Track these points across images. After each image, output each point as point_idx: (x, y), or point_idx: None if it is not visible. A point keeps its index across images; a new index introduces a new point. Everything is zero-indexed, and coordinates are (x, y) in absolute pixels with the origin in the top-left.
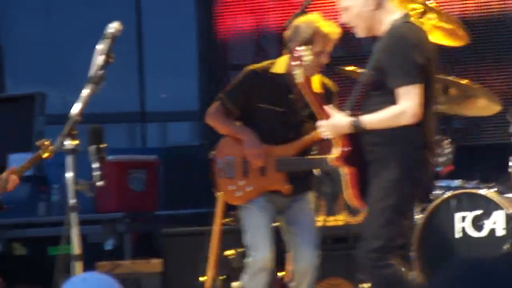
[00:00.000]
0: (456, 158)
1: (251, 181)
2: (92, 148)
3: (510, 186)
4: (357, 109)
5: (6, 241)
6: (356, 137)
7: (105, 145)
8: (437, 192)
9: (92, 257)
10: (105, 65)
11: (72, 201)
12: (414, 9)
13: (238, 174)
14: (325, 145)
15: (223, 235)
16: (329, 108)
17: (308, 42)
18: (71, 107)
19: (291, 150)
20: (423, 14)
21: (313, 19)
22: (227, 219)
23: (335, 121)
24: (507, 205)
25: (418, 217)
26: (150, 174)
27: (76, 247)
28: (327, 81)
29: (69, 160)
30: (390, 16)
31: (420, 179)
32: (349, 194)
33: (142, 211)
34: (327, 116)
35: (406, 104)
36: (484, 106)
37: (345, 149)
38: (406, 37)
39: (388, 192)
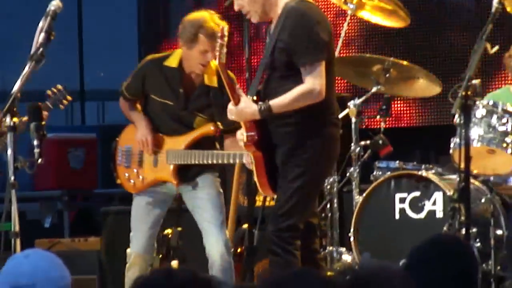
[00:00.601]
0: (396, 139)
1: (144, 171)
2: (32, 125)
3: (451, 167)
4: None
5: None
6: (262, 122)
7: (44, 122)
8: (376, 173)
9: (31, 234)
10: (46, 43)
11: (11, 178)
12: None
13: (134, 163)
14: (232, 139)
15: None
16: (240, 94)
17: (192, 41)
18: (10, 85)
19: (182, 143)
20: None
21: (199, 17)
22: None
23: (243, 106)
24: (447, 186)
25: (357, 197)
26: (89, 152)
27: (15, 225)
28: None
29: (9, 137)
30: (279, 1)
31: (333, 157)
32: (259, 182)
33: (81, 189)
34: (237, 102)
35: (314, 82)
36: (424, 87)
37: (251, 134)
38: (308, 14)
39: (304, 171)
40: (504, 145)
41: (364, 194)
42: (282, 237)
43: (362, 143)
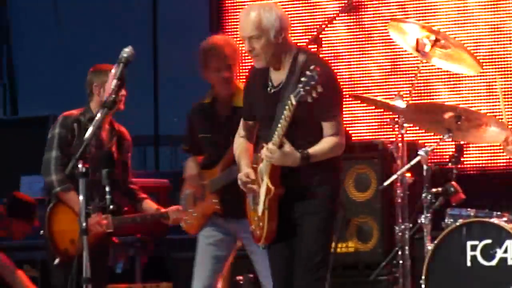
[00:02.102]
0: (468, 186)
1: (197, 209)
2: (104, 172)
3: None
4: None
5: (16, 263)
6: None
7: (115, 168)
8: (448, 220)
9: None
10: (119, 90)
11: (83, 224)
12: (427, 37)
13: (189, 205)
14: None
15: (235, 260)
16: (283, 138)
17: (204, 65)
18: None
19: (219, 168)
20: (435, 42)
21: (202, 44)
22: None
23: (287, 151)
24: None
25: (429, 245)
26: (162, 198)
27: (87, 270)
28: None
29: (81, 183)
30: (290, 49)
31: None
32: (270, 227)
33: (153, 235)
34: (280, 145)
35: (342, 136)
36: (495, 134)
37: (281, 189)
38: (329, 70)
39: (331, 221)
40: None
41: (435, 242)
42: (316, 277)
43: (434, 190)
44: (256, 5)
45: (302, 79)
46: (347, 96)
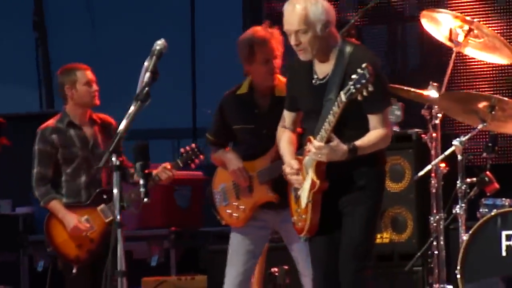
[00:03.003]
0: (502, 176)
1: (243, 201)
2: (138, 164)
3: None
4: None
5: (51, 257)
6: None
7: (149, 162)
8: (483, 210)
9: (138, 273)
10: (151, 82)
11: (118, 217)
12: (460, 27)
13: (231, 198)
14: None
15: (270, 252)
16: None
17: (250, 55)
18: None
19: (268, 159)
20: (468, 32)
21: (248, 33)
22: (275, 236)
23: (335, 145)
24: None
25: (464, 235)
26: (196, 191)
27: (122, 264)
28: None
29: (115, 176)
30: (335, 41)
31: None
32: (313, 221)
33: (188, 227)
34: (328, 140)
35: (388, 128)
36: None
37: (326, 182)
38: (377, 62)
39: (376, 212)
40: None
41: (470, 232)
42: (364, 276)
43: (468, 180)
44: None
45: (353, 76)
46: None
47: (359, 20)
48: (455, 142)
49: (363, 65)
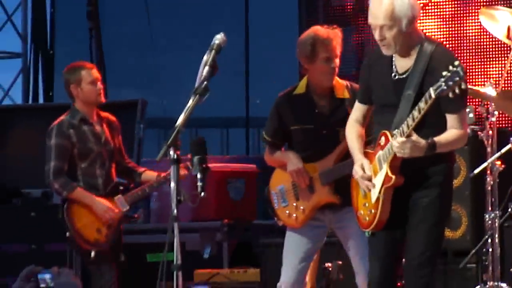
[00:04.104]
0: None
1: (302, 202)
2: (196, 159)
3: None
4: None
5: (70, 243)
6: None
7: (207, 156)
8: None
9: (190, 265)
10: (210, 76)
11: (174, 211)
12: None
13: (290, 199)
14: None
15: (324, 247)
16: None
17: (312, 54)
18: (170, 113)
19: (331, 160)
20: None
21: (309, 32)
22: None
23: (415, 140)
24: None
25: None
26: (249, 183)
27: (177, 257)
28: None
29: (173, 170)
30: (418, 37)
31: None
32: (381, 218)
33: (240, 220)
34: (409, 135)
35: (465, 128)
36: None
37: (400, 177)
38: (458, 61)
39: (446, 214)
40: None
41: None
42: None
43: None
44: None
45: (444, 73)
46: None
47: None
48: (511, 139)
49: (456, 63)
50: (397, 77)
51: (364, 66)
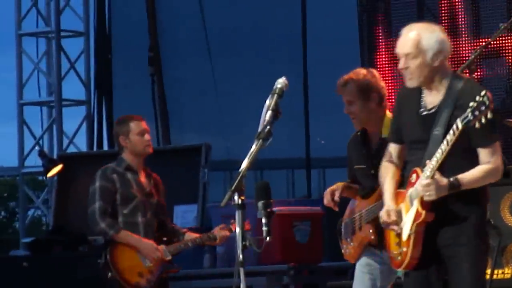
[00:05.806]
0: None
1: (355, 238)
2: (260, 203)
3: None
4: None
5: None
6: None
7: (272, 200)
8: None
9: None
10: (273, 121)
11: (240, 256)
12: None
13: (349, 233)
14: None
15: None
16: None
17: (365, 96)
18: (231, 154)
19: (373, 199)
20: None
21: (363, 73)
22: None
23: (439, 180)
24: None
25: None
26: (315, 226)
27: None
28: None
29: (238, 215)
30: (446, 74)
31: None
32: (413, 255)
33: (307, 263)
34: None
35: (498, 162)
36: None
37: (431, 213)
38: (488, 95)
39: (479, 248)
40: None
41: None
42: None
43: None
44: (420, 25)
45: (471, 104)
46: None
47: None
48: None
49: (482, 93)
50: (425, 112)
51: (394, 105)
